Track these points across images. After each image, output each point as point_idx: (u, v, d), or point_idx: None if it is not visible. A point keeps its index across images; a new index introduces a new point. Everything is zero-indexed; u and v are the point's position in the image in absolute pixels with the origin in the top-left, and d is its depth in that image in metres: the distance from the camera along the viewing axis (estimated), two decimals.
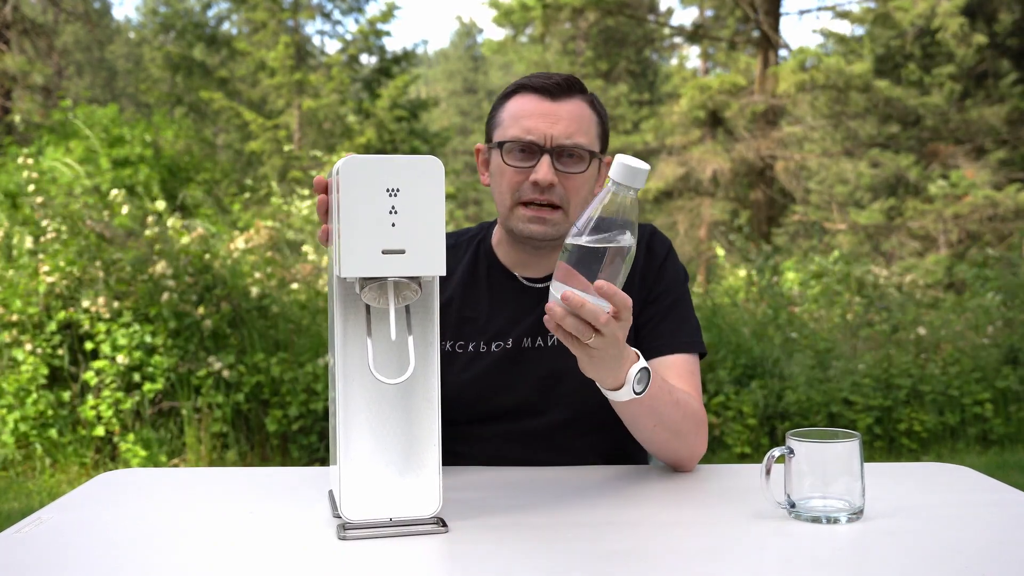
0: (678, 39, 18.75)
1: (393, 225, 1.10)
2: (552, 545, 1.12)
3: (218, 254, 5.41)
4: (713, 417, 5.20)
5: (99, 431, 4.83)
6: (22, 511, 4.01)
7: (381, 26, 16.74)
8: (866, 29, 15.21)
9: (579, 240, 1.16)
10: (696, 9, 18.44)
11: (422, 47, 43.54)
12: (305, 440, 4.93)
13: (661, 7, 21.82)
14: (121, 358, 4.86)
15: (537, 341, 1.58)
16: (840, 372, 5.55)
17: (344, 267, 1.09)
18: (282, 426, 4.93)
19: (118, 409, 4.86)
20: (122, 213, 5.75)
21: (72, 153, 10.18)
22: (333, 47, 39.44)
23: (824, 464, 1.21)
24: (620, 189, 1.17)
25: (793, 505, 1.21)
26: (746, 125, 14.27)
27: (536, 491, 1.37)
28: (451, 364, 1.56)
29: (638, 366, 1.29)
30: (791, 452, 1.21)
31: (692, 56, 21.18)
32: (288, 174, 13.62)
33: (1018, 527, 1.21)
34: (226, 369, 4.90)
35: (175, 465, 4.83)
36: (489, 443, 1.57)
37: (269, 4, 16.04)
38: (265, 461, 4.94)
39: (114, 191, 6.16)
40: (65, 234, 5.26)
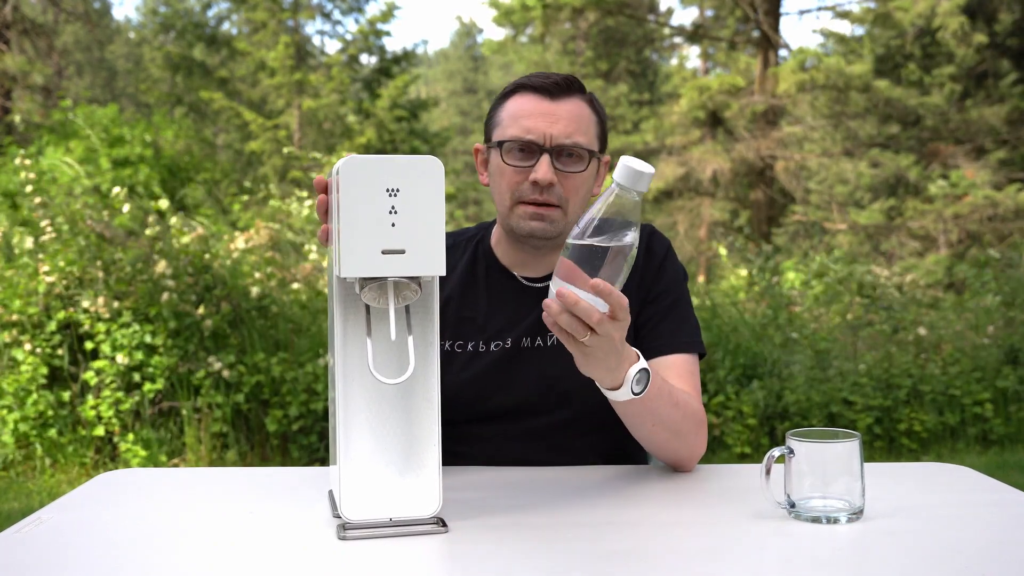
0: (678, 39, 18.75)
1: (393, 225, 1.10)
2: (552, 545, 1.12)
3: (218, 254, 5.41)
4: (713, 417, 5.20)
5: (99, 431, 4.83)
6: (22, 511, 4.01)
7: (381, 26, 16.75)
8: (866, 29, 15.21)
9: (580, 239, 1.16)
10: (696, 9, 18.44)
11: (422, 47, 43.57)
12: (305, 440, 4.93)
13: (661, 7, 21.82)
14: (121, 358, 4.86)
15: (536, 341, 1.57)
16: (840, 372, 5.55)
17: (344, 267, 1.09)
18: (282, 426, 4.92)
19: (118, 409, 4.86)
20: (123, 212, 5.74)
21: (72, 153, 10.19)
22: (333, 47, 39.44)
23: (824, 464, 1.21)
24: (623, 191, 1.17)
25: (793, 505, 1.21)
26: (746, 125, 14.27)
27: (536, 491, 1.37)
28: (450, 364, 1.55)
29: (637, 367, 1.28)
30: (791, 452, 1.21)
31: (692, 56, 21.19)
32: (288, 174, 13.62)
33: (1018, 527, 1.21)
34: (226, 369, 4.90)
35: (175, 465, 4.83)
36: (489, 443, 1.57)
37: (269, 4, 16.04)
38: (265, 461, 4.94)
39: (116, 188, 6.16)
40: (66, 234, 5.25)
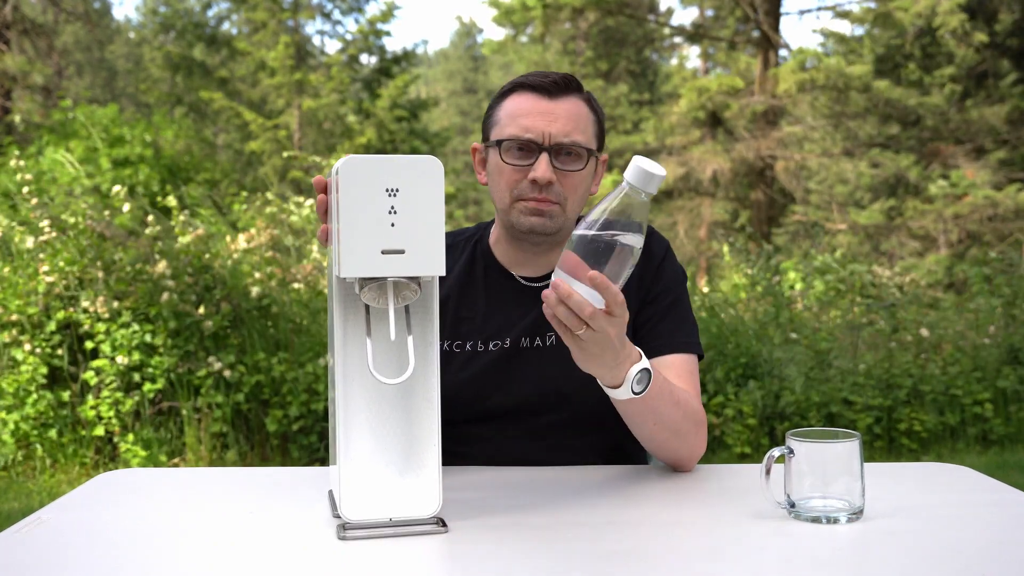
0: (678, 39, 18.76)
1: (393, 225, 1.10)
2: (552, 545, 1.12)
3: (219, 254, 5.41)
4: (713, 417, 5.20)
5: (99, 431, 4.83)
6: (22, 511, 4.01)
7: (381, 26, 16.76)
8: (866, 29, 15.21)
9: (585, 234, 1.16)
10: (696, 9, 18.45)
11: (422, 47, 43.58)
12: (305, 440, 4.93)
13: (661, 7, 21.83)
14: (121, 358, 4.86)
15: (535, 341, 1.57)
16: (840, 372, 5.54)
17: (344, 267, 1.09)
18: (282, 426, 4.92)
19: (118, 409, 4.86)
20: (123, 212, 5.74)
21: (72, 153, 10.19)
22: (333, 47, 39.43)
23: (824, 464, 1.20)
24: (633, 191, 1.17)
25: (793, 505, 1.21)
26: (746, 125, 14.27)
27: (536, 491, 1.37)
28: (449, 364, 1.55)
29: (639, 366, 1.28)
30: (791, 452, 1.21)
31: (692, 56, 21.20)
32: (288, 174, 13.62)
33: (1018, 527, 1.21)
34: (226, 369, 4.90)
35: (175, 465, 4.83)
36: (488, 443, 1.57)
37: (269, 4, 16.04)
38: (265, 461, 4.94)
39: (116, 187, 6.16)
40: (68, 234, 5.25)
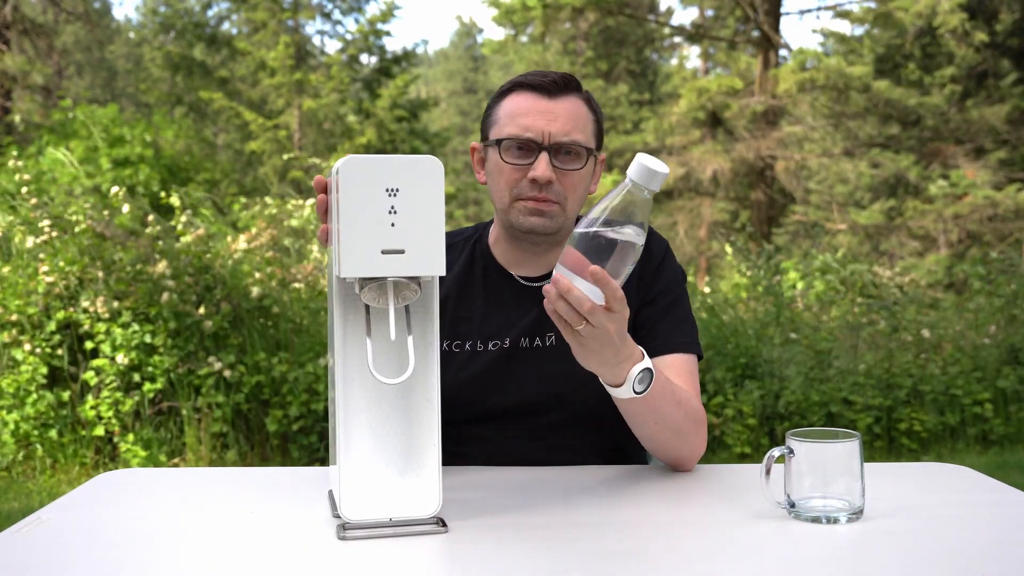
0: (678, 39, 18.76)
1: (393, 225, 1.10)
2: (552, 545, 1.12)
3: (219, 255, 5.40)
4: (713, 417, 5.20)
5: (99, 431, 4.83)
6: (22, 511, 4.01)
7: (381, 26, 16.76)
8: (865, 29, 15.21)
9: (587, 230, 1.16)
10: (696, 9, 18.45)
11: (422, 47, 43.59)
12: (305, 440, 4.93)
13: (661, 7, 21.82)
14: (121, 358, 4.86)
15: (535, 341, 1.57)
16: (840, 372, 5.54)
17: (344, 267, 1.09)
18: (282, 426, 4.92)
19: (118, 409, 4.86)
20: (123, 212, 5.74)
21: (72, 153, 10.19)
22: (333, 47, 39.42)
23: (824, 464, 1.20)
24: (636, 188, 1.17)
25: (793, 505, 1.21)
26: (746, 125, 14.27)
27: (536, 491, 1.37)
28: (448, 364, 1.55)
29: (641, 366, 1.28)
30: (791, 452, 1.21)
31: (692, 56, 21.20)
32: (288, 174, 13.62)
33: (1018, 527, 1.21)
34: (227, 369, 4.90)
35: (175, 465, 4.83)
36: (488, 443, 1.57)
37: (269, 4, 16.04)
38: (265, 461, 4.94)
39: (114, 188, 6.15)
40: (68, 234, 5.25)
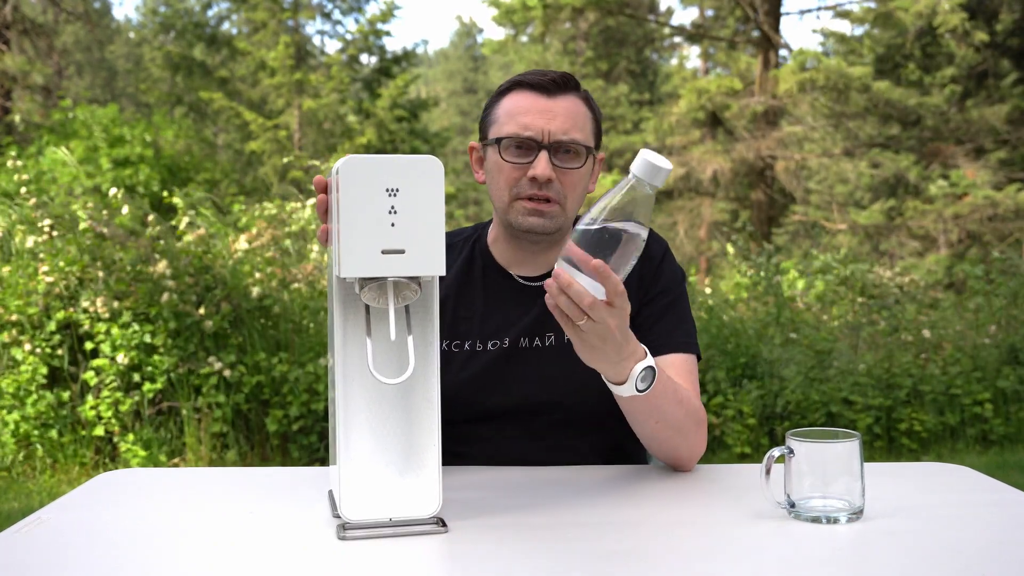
0: (678, 39, 18.77)
1: (393, 225, 1.10)
2: (552, 545, 1.12)
3: (220, 255, 5.40)
4: (713, 417, 5.20)
5: (99, 431, 4.83)
6: (22, 511, 4.01)
7: (381, 26, 16.76)
8: (865, 29, 15.21)
9: (590, 226, 1.17)
10: (696, 9, 18.46)
11: (422, 47, 43.59)
12: (305, 440, 4.93)
13: (661, 7, 21.82)
14: (121, 358, 4.86)
15: (535, 341, 1.57)
16: (840, 372, 5.54)
17: (344, 267, 1.09)
18: (282, 426, 4.92)
19: (118, 409, 4.86)
20: (122, 213, 5.74)
21: (72, 153, 10.19)
22: (333, 47, 39.43)
23: (824, 464, 1.20)
24: (639, 184, 1.17)
25: (793, 505, 1.21)
26: (746, 125, 14.27)
27: (536, 491, 1.37)
28: (448, 364, 1.55)
29: (643, 364, 1.28)
30: (791, 452, 1.21)
31: (692, 56, 21.21)
32: (288, 174, 13.62)
33: (1018, 527, 1.21)
34: (227, 369, 4.90)
35: (175, 465, 4.83)
36: (488, 443, 1.57)
37: (269, 4, 16.04)
38: (265, 461, 4.94)
39: (113, 190, 6.16)
40: (65, 233, 5.25)
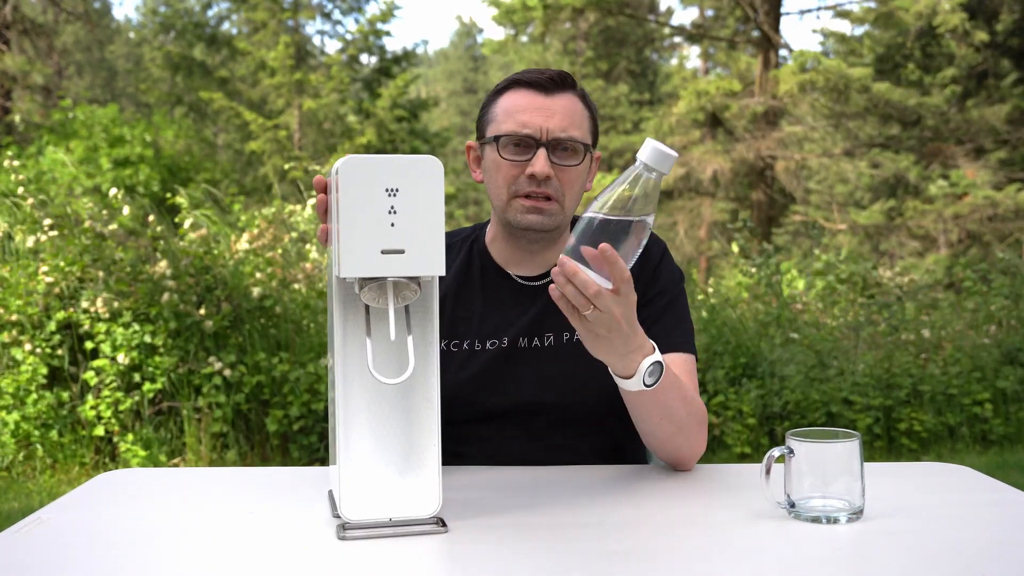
0: (678, 39, 18.77)
1: (392, 225, 1.10)
2: (552, 545, 1.12)
3: (221, 255, 5.39)
4: (713, 417, 5.20)
5: (99, 431, 4.83)
6: (22, 511, 4.01)
7: (381, 26, 16.76)
8: (865, 29, 15.21)
9: (597, 215, 1.18)
10: (696, 9, 18.46)
11: (422, 47, 43.60)
12: (305, 440, 4.92)
13: (661, 7, 21.83)
14: (121, 357, 4.86)
15: (533, 341, 1.57)
16: (840, 372, 5.54)
17: (343, 267, 1.09)
18: (282, 426, 4.92)
19: (117, 409, 4.86)
20: (123, 214, 5.74)
21: (72, 153, 10.18)
22: (333, 47, 39.43)
23: (824, 464, 1.20)
24: (647, 171, 1.19)
25: (793, 505, 1.21)
26: (746, 126, 14.27)
27: (536, 491, 1.37)
28: (447, 363, 1.54)
29: (652, 358, 1.29)
30: (791, 452, 1.21)
31: (692, 56, 21.22)
32: (288, 174, 13.62)
33: (1018, 527, 1.21)
34: (227, 369, 4.90)
35: (175, 465, 4.83)
36: (488, 443, 1.57)
37: (269, 4, 16.04)
38: (265, 461, 4.94)
39: (113, 190, 6.16)
40: (69, 234, 5.24)
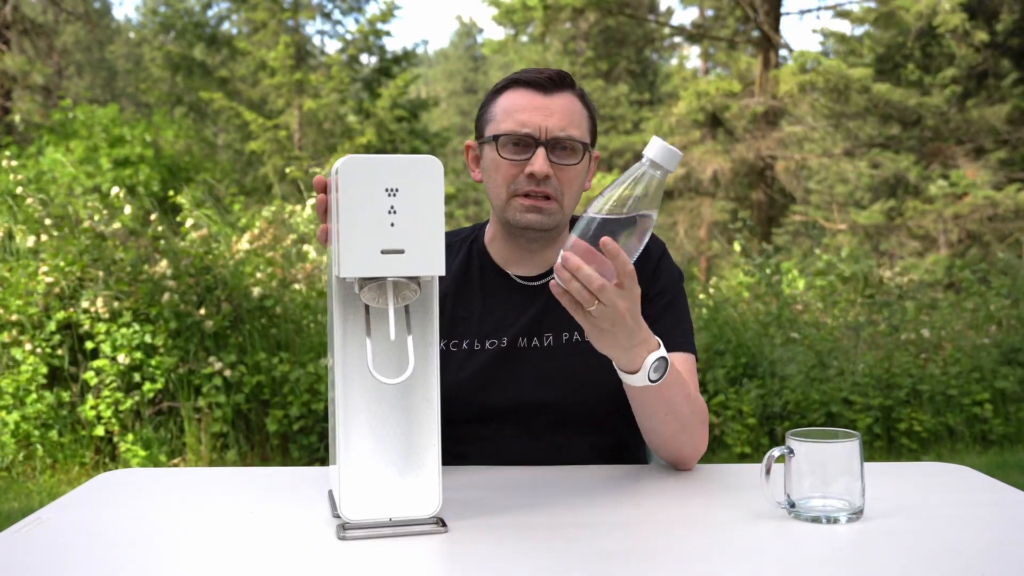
0: (678, 39, 18.77)
1: (392, 225, 1.10)
2: (552, 545, 1.12)
3: (221, 255, 5.39)
4: (713, 417, 5.20)
5: (99, 431, 4.83)
6: (22, 511, 4.01)
7: (381, 26, 16.75)
8: (865, 29, 15.21)
9: (600, 213, 1.18)
10: (696, 9, 18.46)
11: (422, 47, 43.59)
12: (305, 440, 4.93)
13: (661, 7, 21.83)
14: (122, 358, 4.86)
15: (533, 341, 1.57)
16: (840, 372, 5.54)
17: (343, 267, 1.09)
18: (282, 426, 4.92)
19: (118, 409, 4.86)
20: (124, 213, 5.74)
21: (72, 153, 10.18)
22: (333, 47, 39.42)
23: (824, 464, 1.20)
24: (653, 168, 1.19)
25: (793, 505, 1.21)
26: (746, 126, 14.26)
27: (536, 491, 1.37)
28: (447, 363, 1.55)
29: (657, 354, 1.29)
30: (791, 452, 1.21)
31: (692, 56, 21.22)
32: (289, 174, 13.63)
33: (1018, 527, 1.21)
34: (227, 369, 4.90)
35: (175, 465, 4.83)
36: (488, 443, 1.57)
37: (269, 4, 16.04)
38: (265, 461, 4.94)
39: (115, 189, 6.15)
40: (65, 233, 5.24)
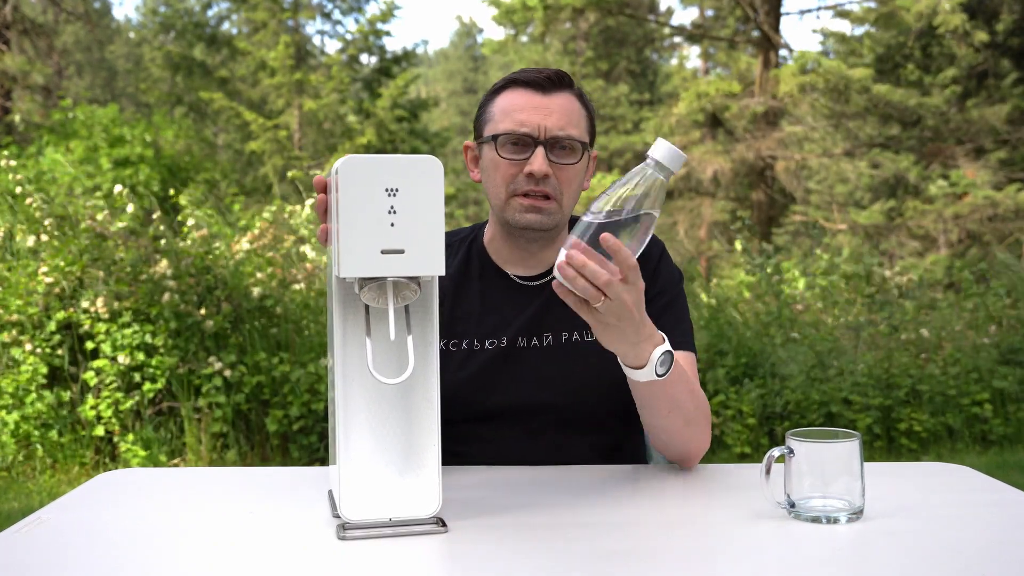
0: (678, 39, 18.77)
1: (392, 225, 1.10)
2: (552, 545, 1.12)
3: (222, 255, 5.39)
4: (713, 417, 5.20)
5: (99, 431, 4.83)
6: (22, 511, 4.01)
7: (381, 26, 16.74)
8: (865, 29, 15.21)
9: (601, 212, 1.18)
10: (696, 9, 18.46)
11: (422, 47, 43.58)
12: (305, 440, 4.93)
13: (661, 7, 21.83)
14: (122, 358, 4.86)
15: (532, 341, 1.57)
16: (840, 372, 5.54)
17: (343, 267, 1.09)
18: (282, 426, 4.92)
19: (118, 409, 4.86)
20: (127, 212, 5.73)
21: (72, 153, 10.18)
22: (333, 47, 39.43)
23: (824, 464, 1.20)
24: (657, 169, 1.19)
25: (793, 505, 1.21)
26: (746, 126, 14.26)
27: (536, 491, 1.37)
28: (446, 363, 1.54)
29: (662, 348, 1.29)
30: (791, 452, 1.21)
31: (692, 56, 21.22)
32: (289, 174, 13.63)
33: (1018, 527, 1.21)
34: (227, 369, 4.90)
35: (175, 465, 4.83)
36: (488, 443, 1.57)
37: (269, 4, 16.03)
38: (265, 461, 4.94)
39: (118, 187, 6.15)
40: (69, 234, 5.24)
